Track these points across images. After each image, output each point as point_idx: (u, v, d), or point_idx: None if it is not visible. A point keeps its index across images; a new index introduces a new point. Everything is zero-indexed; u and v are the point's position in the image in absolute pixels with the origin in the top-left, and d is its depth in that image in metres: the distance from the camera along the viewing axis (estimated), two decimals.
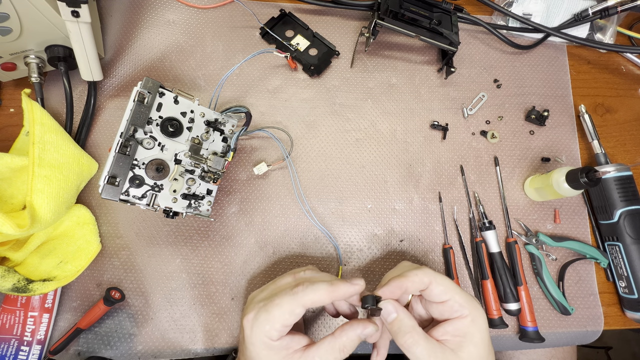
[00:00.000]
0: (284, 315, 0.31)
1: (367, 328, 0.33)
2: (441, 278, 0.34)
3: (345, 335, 0.32)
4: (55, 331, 0.43)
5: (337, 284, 0.33)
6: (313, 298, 0.32)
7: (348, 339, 0.32)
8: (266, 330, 0.31)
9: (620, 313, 0.50)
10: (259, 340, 0.32)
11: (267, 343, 0.32)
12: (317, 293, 0.32)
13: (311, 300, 0.32)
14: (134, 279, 0.45)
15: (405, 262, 0.40)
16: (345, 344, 0.32)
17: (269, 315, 0.32)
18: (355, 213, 0.49)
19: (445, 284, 0.33)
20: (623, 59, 0.60)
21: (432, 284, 0.33)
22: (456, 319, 0.33)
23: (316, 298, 0.32)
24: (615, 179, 0.49)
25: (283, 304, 0.32)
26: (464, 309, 0.33)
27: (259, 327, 0.32)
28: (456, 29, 0.51)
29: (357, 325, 0.33)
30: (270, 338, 0.32)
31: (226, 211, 0.48)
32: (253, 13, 0.53)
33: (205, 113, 0.42)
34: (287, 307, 0.32)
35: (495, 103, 0.55)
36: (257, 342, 0.32)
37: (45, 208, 0.38)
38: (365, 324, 0.33)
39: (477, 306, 0.33)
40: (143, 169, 0.38)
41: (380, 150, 0.52)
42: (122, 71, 0.52)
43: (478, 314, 0.33)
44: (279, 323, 0.31)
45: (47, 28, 0.42)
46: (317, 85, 0.53)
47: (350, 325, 0.33)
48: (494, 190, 0.52)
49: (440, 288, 0.33)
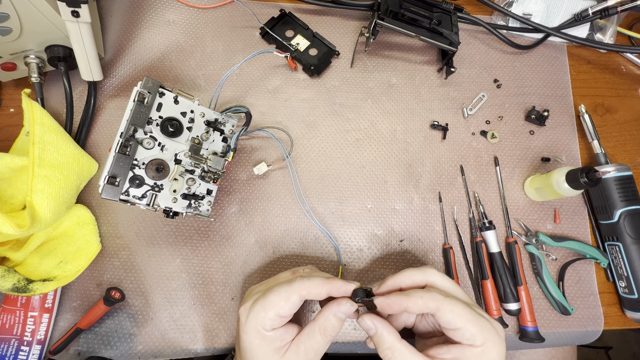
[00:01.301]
0: (280, 302, 0.32)
1: (341, 305, 0.32)
2: (451, 304, 0.30)
3: (323, 316, 0.32)
4: (55, 331, 0.43)
5: (333, 278, 0.33)
6: (309, 288, 0.32)
7: (325, 319, 0.32)
8: (260, 318, 0.32)
9: (620, 313, 0.50)
10: (253, 328, 0.32)
11: (260, 332, 0.32)
12: (313, 282, 0.32)
13: (307, 289, 0.32)
14: (134, 279, 0.45)
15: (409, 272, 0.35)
16: (325, 325, 0.32)
17: (265, 301, 0.32)
18: (355, 213, 0.49)
19: (456, 310, 0.30)
20: (623, 59, 0.60)
21: (440, 311, 0.30)
22: (466, 346, 0.30)
23: (312, 288, 0.32)
24: (615, 179, 0.49)
25: (280, 291, 0.32)
26: (475, 339, 0.30)
27: (253, 315, 0.32)
28: (456, 29, 0.51)
29: (332, 304, 0.32)
30: (264, 327, 0.32)
31: (226, 211, 0.48)
32: (253, 13, 0.53)
33: (205, 113, 0.42)
34: (284, 294, 0.32)
35: (495, 103, 0.55)
36: (251, 330, 0.32)
37: (45, 208, 0.38)
38: (340, 301, 0.32)
39: (492, 336, 0.30)
40: (143, 169, 0.38)
41: (380, 150, 0.52)
42: (122, 71, 0.52)
43: (492, 345, 0.30)
44: (273, 311, 0.31)
45: (47, 28, 0.42)
46: (317, 85, 0.53)
47: (326, 306, 0.33)
48: (494, 190, 0.52)
49: (450, 316, 0.30)
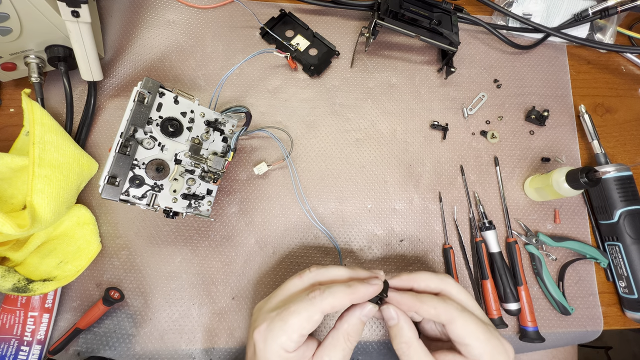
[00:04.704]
0: (302, 323, 0.29)
1: (365, 308, 0.31)
2: (464, 319, 0.30)
3: (346, 322, 0.31)
4: (55, 331, 0.43)
5: (355, 285, 0.31)
6: (332, 302, 0.29)
7: (349, 325, 0.31)
8: (282, 342, 0.29)
9: (620, 313, 0.50)
10: (274, 353, 0.29)
11: (282, 356, 0.29)
12: (336, 297, 0.30)
13: (330, 305, 0.29)
14: (133, 279, 0.45)
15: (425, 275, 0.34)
16: (349, 331, 0.30)
17: (285, 324, 0.29)
18: (355, 213, 0.49)
19: (469, 327, 0.30)
20: (623, 59, 0.60)
21: (452, 324, 0.30)
22: None
23: (335, 302, 0.29)
24: (615, 179, 0.49)
25: (300, 311, 0.29)
26: (483, 358, 0.30)
27: (273, 339, 0.29)
28: (456, 29, 0.51)
29: (355, 309, 0.31)
30: (287, 350, 0.29)
31: (226, 211, 0.48)
32: (253, 13, 0.53)
33: (205, 113, 0.42)
34: (305, 314, 0.29)
35: (495, 103, 0.55)
36: (272, 355, 0.29)
37: (46, 208, 0.38)
38: (363, 305, 0.31)
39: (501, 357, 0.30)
40: (143, 169, 0.38)
41: (380, 150, 0.52)
42: (122, 71, 0.52)
43: None
44: (297, 333, 0.29)
45: (47, 28, 0.42)
46: (317, 85, 0.53)
47: (349, 311, 0.31)
48: (494, 190, 0.52)
49: (462, 331, 0.30)
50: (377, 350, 0.46)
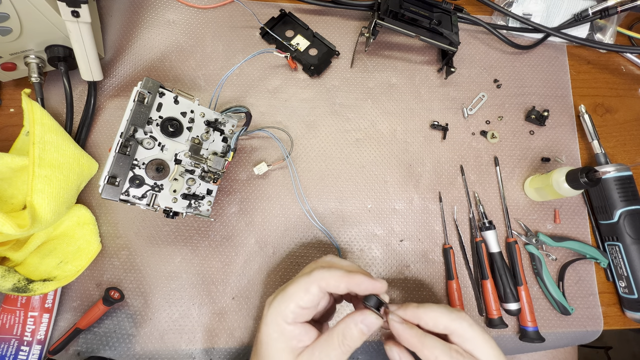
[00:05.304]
0: (299, 293, 0.31)
1: (365, 315, 0.30)
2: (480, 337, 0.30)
3: (344, 323, 0.30)
4: (55, 331, 0.43)
5: (354, 273, 0.31)
6: (328, 280, 0.31)
7: (346, 326, 0.30)
8: (281, 310, 0.31)
9: (620, 313, 0.50)
10: (273, 320, 0.31)
11: (280, 325, 0.31)
12: (333, 275, 0.31)
13: (325, 280, 0.31)
14: (133, 279, 0.45)
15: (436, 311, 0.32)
16: (344, 333, 0.30)
17: (285, 294, 0.32)
18: (355, 213, 0.49)
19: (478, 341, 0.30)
20: (623, 59, 0.60)
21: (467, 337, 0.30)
22: None
23: (331, 280, 0.31)
24: (615, 179, 0.49)
25: (299, 282, 0.32)
26: None
27: (275, 306, 0.32)
28: (456, 29, 0.51)
29: (355, 314, 0.31)
30: (285, 319, 0.31)
31: (226, 211, 0.48)
32: (253, 13, 0.53)
33: (205, 113, 0.42)
34: (303, 285, 0.31)
35: (495, 103, 0.55)
36: (271, 322, 0.31)
37: (46, 208, 0.38)
38: (363, 311, 0.31)
39: None
40: (143, 169, 0.38)
41: (380, 150, 0.52)
42: (122, 71, 0.52)
43: None
44: (294, 302, 0.31)
45: (47, 28, 0.42)
46: (317, 85, 0.53)
47: (349, 315, 0.31)
48: (494, 190, 0.52)
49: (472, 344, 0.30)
50: (377, 350, 0.46)
